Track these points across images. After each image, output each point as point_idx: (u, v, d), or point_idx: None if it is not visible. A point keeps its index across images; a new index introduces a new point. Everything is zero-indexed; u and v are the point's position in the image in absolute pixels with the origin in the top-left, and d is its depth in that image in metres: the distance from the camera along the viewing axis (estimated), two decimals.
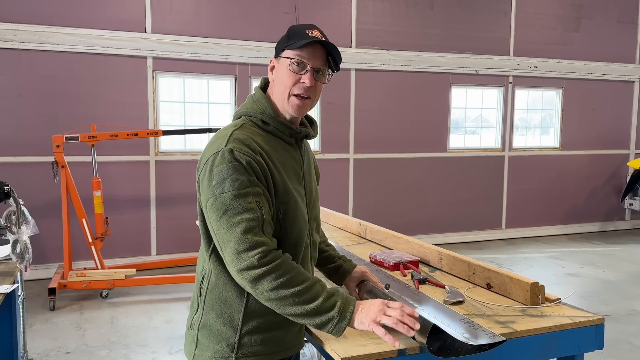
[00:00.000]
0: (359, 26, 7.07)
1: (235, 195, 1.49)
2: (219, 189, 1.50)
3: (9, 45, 5.65)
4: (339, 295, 1.50)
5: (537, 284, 1.99)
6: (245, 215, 1.48)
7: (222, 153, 1.52)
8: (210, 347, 1.62)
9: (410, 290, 1.95)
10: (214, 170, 1.52)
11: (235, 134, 1.58)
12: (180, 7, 6.27)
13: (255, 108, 1.67)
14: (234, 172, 1.50)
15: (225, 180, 1.50)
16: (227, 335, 1.60)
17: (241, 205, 1.48)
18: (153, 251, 6.38)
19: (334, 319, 1.46)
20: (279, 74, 1.65)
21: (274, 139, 1.66)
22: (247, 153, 1.53)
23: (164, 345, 4.21)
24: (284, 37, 1.66)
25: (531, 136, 8.54)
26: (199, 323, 1.65)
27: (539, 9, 7.97)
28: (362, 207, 7.21)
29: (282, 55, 1.64)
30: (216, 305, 1.62)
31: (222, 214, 1.49)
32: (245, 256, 1.46)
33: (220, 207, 1.49)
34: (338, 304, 1.47)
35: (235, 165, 1.51)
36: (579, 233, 8.48)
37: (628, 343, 4.30)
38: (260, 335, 1.61)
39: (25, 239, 2.86)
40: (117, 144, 6.01)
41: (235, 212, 1.48)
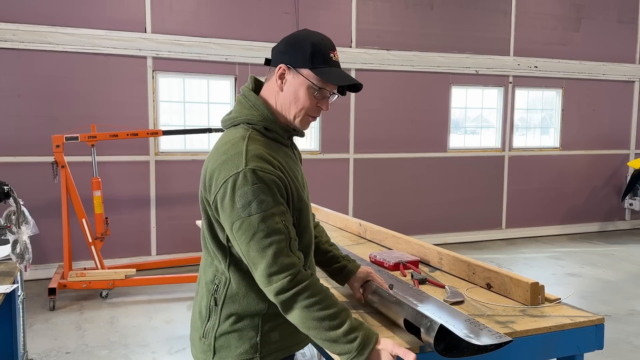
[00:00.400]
0: (359, 26, 7.07)
1: (263, 217, 1.49)
2: (245, 212, 1.49)
3: (9, 45, 5.65)
4: (361, 329, 1.51)
5: (537, 284, 1.99)
6: (274, 237, 1.49)
7: (244, 174, 1.50)
8: (231, 351, 1.64)
9: (413, 290, 1.95)
10: (237, 192, 1.50)
11: (251, 150, 1.55)
12: (180, 7, 6.27)
13: (255, 114, 1.64)
14: (259, 193, 1.50)
15: (251, 202, 1.49)
16: (249, 336, 1.63)
17: (270, 227, 1.49)
18: (153, 251, 6.38)
19: (351, 353, 1.49)
20: (294, 89, 1.62)
21: (275, 145, 1.65)
22: (269, 171, 1.52)
23: (164, 345, 4.21)
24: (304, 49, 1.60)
25: (531, 136, 8.54)
26: (215, 331, 1.66)
27: (539, 9, 7.97)
28: (362, 207, 7.21)
29: (302, 74, 1.61)
30: (236, 311, 1.64)
31: (251, 237, 1.50)
32: (277, 278, 1.49)
33: (248, 229, 1.50)
34: (359, 340, 1.49)
35: (260, 186, 1.50)
36: (579, 233, 8.48)
37: (628, 343, 4.30)
38: (278, 332, 1.66)
39: (25, 239, 2.86)
40: (117, 144, 6.01)
41: (264, 234, 1.49)
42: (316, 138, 7.07)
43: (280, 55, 1.64)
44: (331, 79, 1.60)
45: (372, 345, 1.49)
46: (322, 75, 1.59)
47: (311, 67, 1.59)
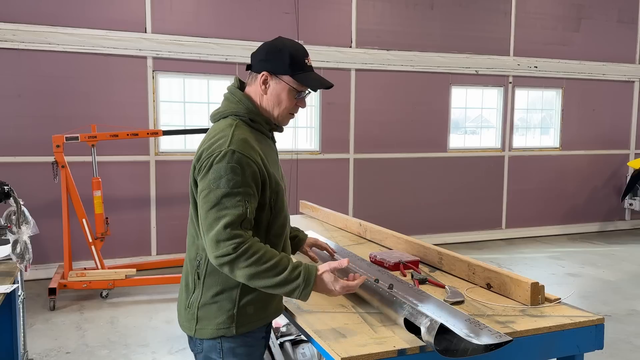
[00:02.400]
0: (359, 26, 7.07)
1: (228, 193, 1.70)
2: (214, 184, 1.71)
3: (9, 45, 5.65)
4: (302, 266, 1.75)
5: (537, 284, 1.99)
6: (230, 212, 1.70)
7: (224, 152, 1.72)
8: (211, 320, 1.84)
9: (414, 290, 1.95)
10: (214, 166, 1.72)
11: (236, 135, 1.78)
12: (180, 7, 6.27)
13: (241, 108, 1.88)
14: (231, 172, 1.71)
15: (222, 177, 1.71)
16: (227, 308, 1.83)
17: (230, 202, 1.70)
18: (153, 251, 6.38)
19: (299, 287, 1.72)
20: (277, 93, 1.88)
21: (259, 134, 1.89)
22: (248, 155, 1.74)
23: (164, 345, 4.21)
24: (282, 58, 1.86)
25: (531, 136, 8.54)
26: (199, 302, 1.86)
27: (539, 9, 7.97)
28: (362, 207, 7.21)
29: (282, 80, 1.87)
30: (215, 285, 1.83)
31: (212, 206, 1.71)
32: (223, 245, 1.68)
33: (212, 199, 1.71)
34: (302, 274, 1.73)
35: (233, 166, 1.71)
36: (579, 233, 8.48)
37: (628, 343, 4.30)
38: (253, 306, 1.85)
39: (25, 239, 2.86)
40: (117, 144, 6.01)
41: (223, 206, 1.70)
42: (316, 138, 7.07)
43: (262, 63, 1.89)
44: (310, 83, 1.89)
45: (314, 274, 1.75)
46: (302, 81, 1.87)
47: (291, 74, 1.86)
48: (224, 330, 1.83)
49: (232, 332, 1.82)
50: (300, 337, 3.26)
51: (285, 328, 3.38)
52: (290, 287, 1.72)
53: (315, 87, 1.90)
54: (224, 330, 1.83)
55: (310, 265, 1.77)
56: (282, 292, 1.73)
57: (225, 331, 1.83)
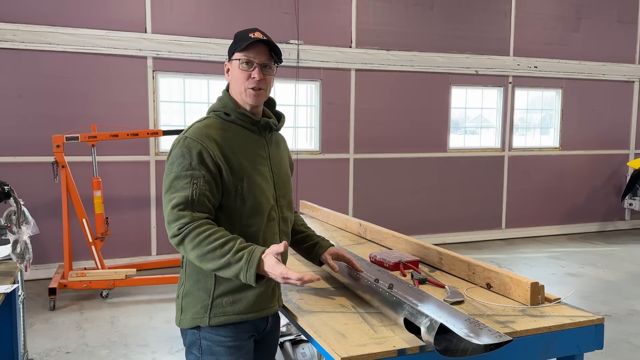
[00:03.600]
0: (359, 26, 7.07)
1: (177, 176, 1.79)
2: (168, 169, 1.83)
3: (9, 45, 5.65)
4: (247, 247, 1.74)
5: (537, 284, 1.99)
6: (178, 194, 1.76)
7: (179, 140, 1.85)
8: (189, 310, 1.88)
9: (414, 290, 1.95)
10: (171, 153, 1.85)
11: (195, 125, 1.89)
12: (180, 7, 6.27)
13: (218, 104, 1.97)
14: (181, 156, 1.80)
15: (174, 163, 1.82)
16: (202, 298, 1.85)
17: (179, 184, 1.78)
18: (153, 251, 6.38)
19: (242, 269, 1.70)
20: (233, 74, 1.94)
21: (236, 127, 1.92)
22: (198, 140, 1.81)
23: (164, 345, 4.21)
24: (232, 43, 1.96)
25: (531, 136, 8.54)
26: (183, 292, 1.91)
27: (539, 9, 7.97)
28: (362, 207, 7.21)
29: (233, 58, 1.94)
30: (193, 274, 1.88)
31: (165, 190, 1.81)
32: (172, 226, 1.75)
33: (165, 184, 1.81)
34: (245, 256, 1.71)
35: (183, 151, 1.81)
36: (578, 233, 8.48)
37: (628, 343, 4.30)
38: (231, 297, 1.85)
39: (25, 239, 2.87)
40: (117, 144, 6.01)
41: (174, 190, 1.78)
42: (316, 138, 7.07)
43: None
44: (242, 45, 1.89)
45: (259, 256, 1.71)
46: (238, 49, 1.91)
47: (234, 50, 1.94)
48: (198, 320, 1.84)
49: (206, 322, 1.83)
50: (300, 337, 3.26)
51: (285, 328, 3.38)
52: (234, 269, 1.71)
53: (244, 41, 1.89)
54: (198, 319, 1.84)
55: (257, 247, 1.75)
56: (229, 274, 1.73)
57: (199, 321, 1.84)
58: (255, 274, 1.70)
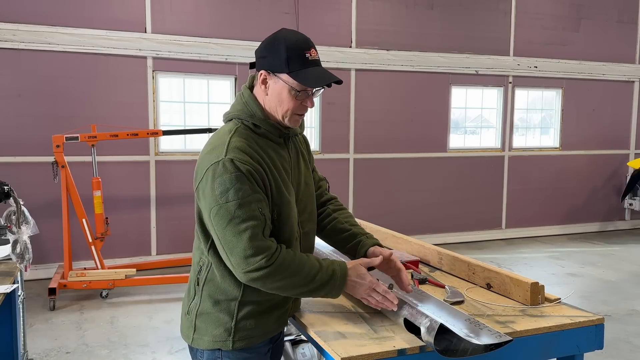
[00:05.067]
0: (359, 26, 7.07)
1: (240, 204, 1.60)
2: (222, 198, 1.60)
3: (9, 45, 5.65)
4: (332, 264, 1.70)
5: (537, 284, 1.99)
6: (250, 223, 1.60)
7: (222, 163, 1.61)
8: (208, 331, 1.75)
9: (414, 290, 1.95)
10: (217, 180, 1.61)
11: (233, 142, 1.66)
12: (180, 7, 6.27)
13: (245, 111, 1.74)
14: (236, 182, 1.60)
15: (229, 190, 1.60)
16: (224, 321, 1.73)
17: (246, 213, 1.60)
18: (153, 251, 6.38)
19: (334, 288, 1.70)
20: (278, 93, 1.70)
21: (264, 141, 1.74)
22: (247, 162, 1.63)
23: (164, 345, 4.21)
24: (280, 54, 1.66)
25: (531, 136, 8.54)
26: (197, 310, 1.77)
27: (539, 9, 7.97)
28: (362, 207, 7.21)
29: (281, 78, 1.68)
30: (214, 294, 1.74)
31: (227, 222, 1.60)
32: (253, 260, 1.60)
33: (225, 215, 1.60)
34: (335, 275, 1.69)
35: (237, 175, 1.60)
36: (579, 233, 8.48)
37: (628, 343, 4.30)
38: (253, 320, 1.75)
39: (25, 239, 2.86)
40: (117, 144, 6.01)
41: (240, 220, 1.60)
42: (316, 138, 7.07)
43: (260, 60, 1.73)
44: (307, 82, 1.66)
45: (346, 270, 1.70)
46: (299, 79, 1.66)
47: (288, 72, 1.66)
48: (220, 343, 1.73)
49: (229, 347, 1.73)
50: (300, 337, 3.26)
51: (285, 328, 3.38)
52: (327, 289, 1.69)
53: (313, 85, 1.68)
54: (220, 343, 1.73)
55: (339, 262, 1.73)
56: (318, 295, 1.70)
57: (222, 344, 1.73)
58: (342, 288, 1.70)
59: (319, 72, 1.69)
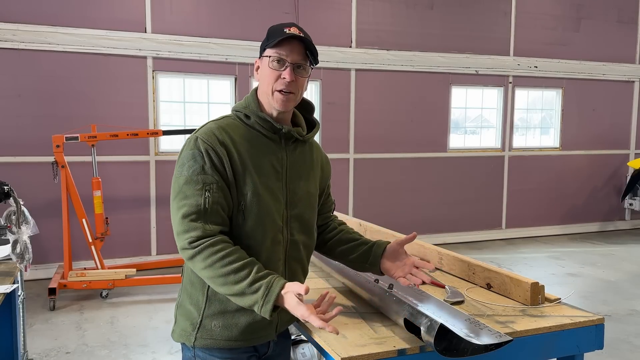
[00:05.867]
0: (359, 26, 7.07)
1: (187, 180, 1.62)
2: (178, 171, 1.66)
3: (9, 45, 5.65)
4: (265, 278, 1.55)
5: (537, 284, 1.99)
6: (189, 201, 1.61)
7: (189, 139, 1.68)
8: (180, 324, 1.76)
9: (414, 290, 1.95)
10: (181, 154, 1.68)
11: (209, 124, 1.71)
12: (180, 7, 6.27)
13: (241, 103, 1.78)
14: (191, 158, 1.63)
15: (184, 165, 1.65)
16: (192, 315, 1.72)
17: (189, 190, 1.62)
18: (153, 251, 6.38)
19: (258, 303, 1.53)
20: (262, 72, 1.74)
21: (255, 133, 1.73)
22: (209, 142, 1.64)
23: (164, 345, 4.21)
24: (265, 37, 1.74)
25: (531, 136, 8.54)
26: (178, 302, 1.81)
27: (539, 9, 7.97)
28: (362, 207, 7.21)
29: (263, 55, 1.73)
30: (187, 287, 1.75)
31: (175, 196, 1.66)
32: (181, 238, 1.60)
33: (175, 188, 1.66)
34: (262, 289, 1.53)
35: (194, 152, 1.63)
36: (579, 233, 8.48)
37: (628, 343, 4.30)
38: (222, 321, 1.69)
39: (25, 239, 2.87)
40: (117, 144, 6.01)
41: (183, 195, 1.62)
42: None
43: None
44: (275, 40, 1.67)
45: (277, 291, 1.52)
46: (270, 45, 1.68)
47: (266, 46, 1.71)
48: (184, 337, 1.72)
49: (191, 342, 1.70)
50: (300, 337, 3.26)
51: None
52: (248, 300, 1.54)
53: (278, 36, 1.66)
54: (184, 337, 1.72)
55: (276, 279, 1.55)
56: (243, 303, 1.56)
57: (185, 338, 1.72)
58: (272, 309, 1.52)
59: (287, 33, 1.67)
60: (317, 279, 2.36)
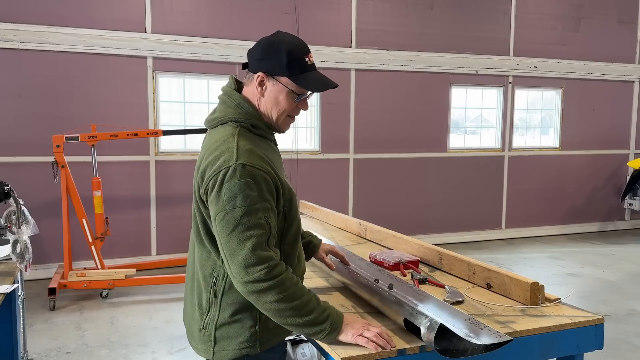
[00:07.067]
0: (359, 26, 7.07)
1: (246, 211, 1.57)
2: (229, 204, 1.57)
3: (9, 45, 5.65)
4: (330, 309, 1.67)
5: (537, 284, 1.99)
6: (254, 231, 1.57)
7: (234, 168, 1.58)
8: (231, 341, 1.72)
9: (414, 290, 1.95)
10: (225, 184, 1.58)
11: (241, 146, 1.63)
12: (180, 7, 6.27)
13: (241, 113, 1.73)
14: (245, 188, 1.57)
15: (237, 196, 1.57)
16: (248, 325, 1.71)
17: (251, 221, 1.57)
18: (153, 251, 6.38)
19: (325, 331, 1.63)
20: (274, 95, 1.72)
21: (262, 140, 1.75)
22: (259, 167, 1.61)
23: (164, 345, 4.21)
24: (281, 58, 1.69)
25: (531, 136, 8.54)
26: (216, 322, 1.73)
27: (539, 9, 7.97)
28: (362, 207, 7.21)
29: (280, 81, 1.70)
30: (235, 303, 1.71)
31: (232, 229, 1.57)
32: (253, 270, 1.56)
33: (230, 222, 1.57)
34: (330, 319, 1.64)
35: (247, 181, 1.58)
36: (578, 233, 8.48)
37: (628, 343, 4.30)
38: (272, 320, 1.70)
39: (25, 239, 2.86)
40: (117, 144, 6.01)
41: (245, 227, 1.57)
42: (316, 138, 7.07)
43: (257, 62, 1.73)
44: (310, 86, 1.71)
45: (342, 320, 1.66)
46: (300, 84, 1.70)
47: (289, 76, 1.69)
48: (247, 350, 1.71)
49: (257, 350, 1.72)
50: (300, 337, 3.26)
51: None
52: (315, 329, 1.63)
53: (315, 89, 1.73)
54: (247, 349, 1.71)
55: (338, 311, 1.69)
56: (305, 332, 1.65)
57: (249, 350, 1.71)
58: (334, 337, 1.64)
59: (318, 76, 1.74)
60: (317, 278, 2.36)
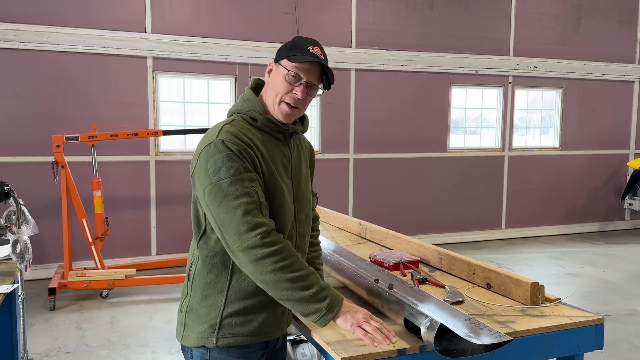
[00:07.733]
0: (359, 26, 7.07)
1: (232, 181, 1.59)
2: (215, 177, 1.60)
3: (9, 45, 5.65)
4: (330, 290, 1.63)
5: (537, 284, 1.99)
6: (243, 199, 1.58)
7: (214, 144, 1.63)
8: (195, 328, 1.73)
9: (414, 290, 1.95)
10: (209, 160, 1.62)
11: (225, 128, 1.69)
12: (180, 7, 6.27)
13: (245, 106, 1.78)
14: (228, 160, 1.61)
15: (221, 168, 1.60)
16: (210, 317, 1.71)
17: (238, 190, 1.59)
18: (153, 251, 6.38)
19: (321, 311, 1.59)
20: (274, 79, 1.76)
21: (263, 134, 1.76)
22: (237, 143, 1.64)
23: (164, 345, 4.21)
24: (287, 45, 1.77)
25: (531, 136, 8.54)
26: (187, 306, 1.77)
27: (539, 9, 7.97)
28: (362, 207, 7.21)
29: (281, 64, 1.75)
30: (201, 289, 1.73)
31: (221, 200, 1.59)
32: (247, 236, 1.56)
33: (218, 193, 1.60)
34: (328, 299, 1.61)
35: (228, 153, 1.61)
36: (578, 233, 8.48)
37: (628, 343, 4.30)
38: (241, 318, 1.71)
39: (25, 239, 2.86)
40: (117, 144, 6.01)
41: (233, 196, 1.58)
42: (316, 138, 7.07)
43: None
44: (297, 59, 1.71)
45: (341, 304, 1.63)
46: (292, 59, 1.72)
47: (287, 56, 1.73)
48: (204, 340, 1.71)
49: (212, 343, 1.69)
50: (300, 337, 3.26)
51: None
52: (311, 308, 1.59)
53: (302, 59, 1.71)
54: (204, 339, 1.71)
55: (338, 294, 1.65)
56: (300, 310, 1.60)
57: (206, 341, 1.71)
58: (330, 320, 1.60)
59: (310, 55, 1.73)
60: None
